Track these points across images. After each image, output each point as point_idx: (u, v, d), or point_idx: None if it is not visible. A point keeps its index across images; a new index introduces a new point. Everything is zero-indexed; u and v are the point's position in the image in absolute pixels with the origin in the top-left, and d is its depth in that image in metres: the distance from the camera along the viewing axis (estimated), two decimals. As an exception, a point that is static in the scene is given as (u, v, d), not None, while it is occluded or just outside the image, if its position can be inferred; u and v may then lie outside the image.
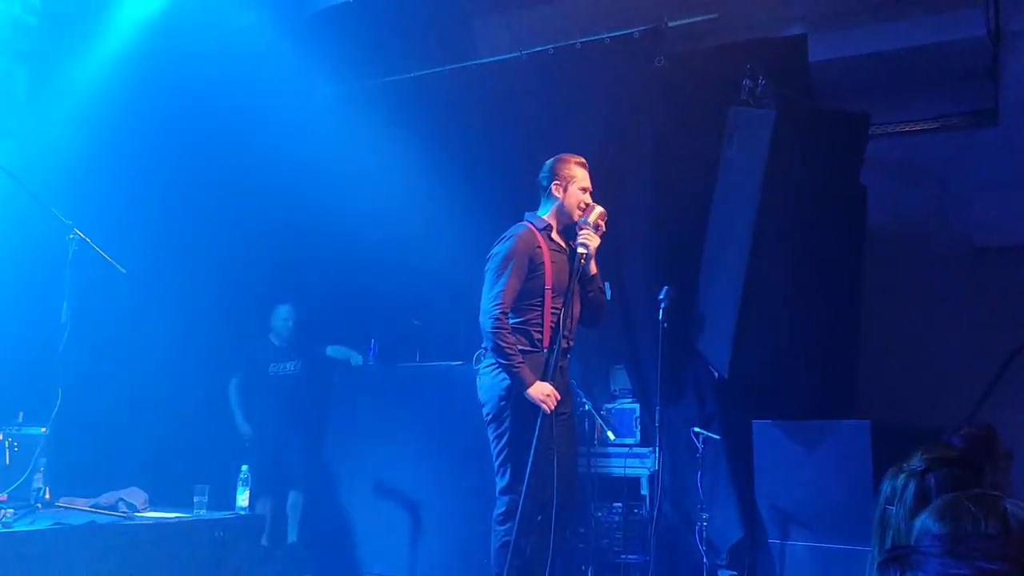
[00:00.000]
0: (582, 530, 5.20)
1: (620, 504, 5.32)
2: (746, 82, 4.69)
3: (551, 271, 4.06)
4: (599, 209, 4.08)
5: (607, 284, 4.46)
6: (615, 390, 5.66)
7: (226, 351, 6.34)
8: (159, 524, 4.24)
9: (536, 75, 5.74)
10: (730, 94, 4.84)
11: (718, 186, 5.01)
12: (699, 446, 4.79)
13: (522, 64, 5.79)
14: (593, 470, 5.31)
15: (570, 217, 4.14)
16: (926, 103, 5.92)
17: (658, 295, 4.70)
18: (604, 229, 4.08)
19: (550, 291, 4.05)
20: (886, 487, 2.07)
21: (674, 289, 4.69)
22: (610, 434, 5.32)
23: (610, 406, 5.54)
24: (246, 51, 5.81)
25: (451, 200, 5.71)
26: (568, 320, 4.03)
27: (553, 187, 4.16)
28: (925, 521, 1.76)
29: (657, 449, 4.94)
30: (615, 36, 5.49)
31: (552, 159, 4.22)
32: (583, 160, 4.19)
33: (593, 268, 4.14)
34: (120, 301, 5.26)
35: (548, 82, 5.70)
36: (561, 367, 4.03)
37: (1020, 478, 3.67)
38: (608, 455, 5.40)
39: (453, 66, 5.99)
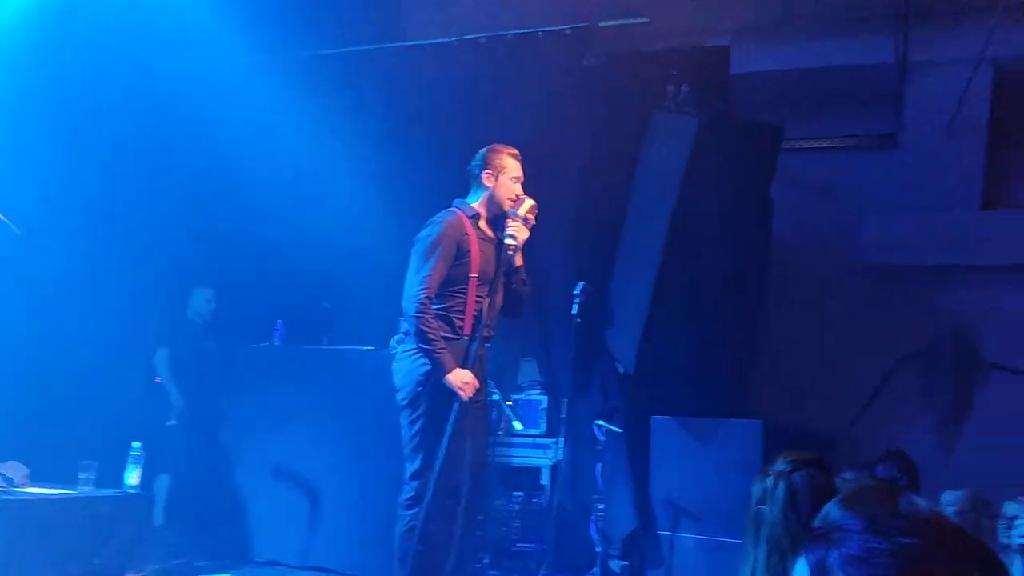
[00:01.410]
0: (481, 518, 5.25)
1: (521, 493, 5.40)
2: (671, 88, 4.82)
3: (478, 259, 4.07)
4: (530, 202, 4.11)
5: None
6: (523, 382, 5.73)
7: (129, 324, 6.07)
8: (40, 500, 4.06)
9: (467, 63, 5.73)
10: (655, 98, 4.96)
11: (637, 187, 5.13)
12: (600, 438, 4.90)
13: (454, 50, 5.77)
14: (497, 459, 5.35)
15: (500, 207, 4.15)
16: (833, 122, 6.21)
17: (574, 290, 4.78)
18: (534, 222, 4.11)
19: (475, 279, 4.05)
20: (757, 489, 2.24)
21: (590, 285, 4.78)
22: (517, 424, 5.38)
23: (518, 397, 5.60)
24: (168, 12, 5.56)
25: (374, 181, 5.64)
26: (491, 310, 4.05)
27: (484, 176, 4.15)
28: (831, 510, 1.90)
29: (562, 440, 5.03)
30: (547, 31, 5.54)
31: (485, 148, 4.21)
32: (516, 152, 4.20)
33: (519, 260, 4.18)
34: (7, 270, 4.97)
35: (479, 71, 5.71)
36: (481, 356, 4.05)
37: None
38: (512, 445, 5.47)
39: (385, 45, 5.90)
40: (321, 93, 5.92)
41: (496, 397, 5.31)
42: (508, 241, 4.04)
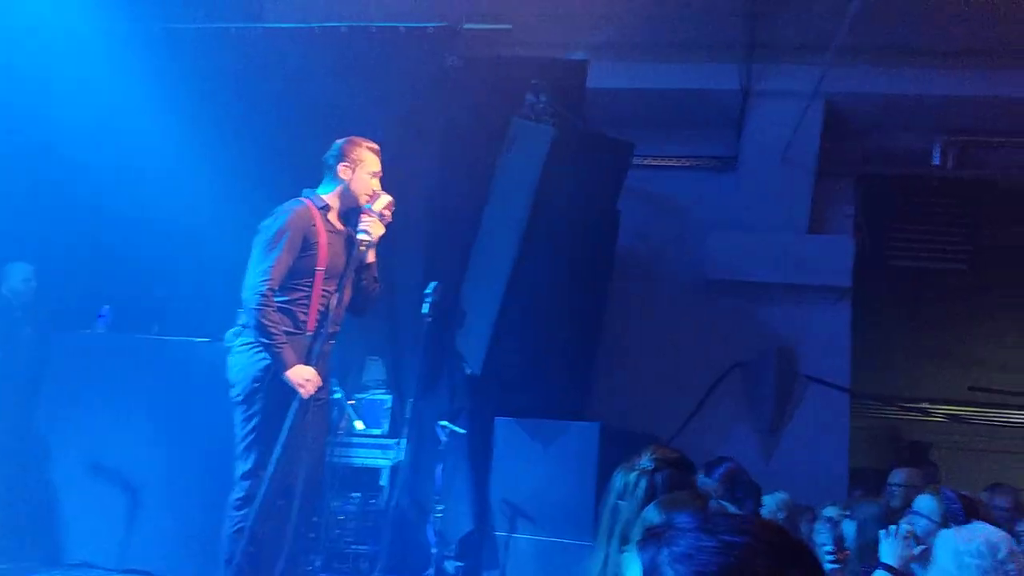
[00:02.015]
0: (315, 519, 5.11)
1: (358, 494, 5.29)
2: (529, 96, 4.88)
3: (326, 252, 3.94)
4: (388, 198, 4.03)
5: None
6: (368, 380, 5.62)
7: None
8: None
9: (327, 51, 5.56)
10: (514, 104, 5.00)
11: (492, 190, 5.16)
12: (443, 439, 4.89)
13: (314, 37, 5.59)
14: (334, 459, 5.22)
15: (356, 202, 4.03)
16: (681, 142, 6.52)
17: (425, 289, 4.74)
18: (390, 219, 4.03)
19: (322, 273, 3.93)
20: (618, 482, 2.26)
21: (442, 285, 4.75)
22: (358, 424, 5.27)
23: (361, 396, 5.49)
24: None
25: (221, 163, 5.36)
26: (338, 306, 3.94)
27: (340, 168, 4.03)
28: (650, 514, 1.97)
29: (404, 441, 4.97)
30: (410, 27, 5.48)
31: (344, 140, 4.09)
32: (376, 146, 4.10)
33: (371, 256, 4.08)
34: None
35: (339, 61, 5.55)
36: (324, 353, 3.93)
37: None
38: (352, 445, 5.36)
39: (240, 25, 5.64)
40: (169, 68, 5.58)
41: (338, 396, 5.19)
42: (362, 237, 3.94)
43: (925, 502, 3.07)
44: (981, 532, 2.71)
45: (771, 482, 5.12)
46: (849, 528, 3.89)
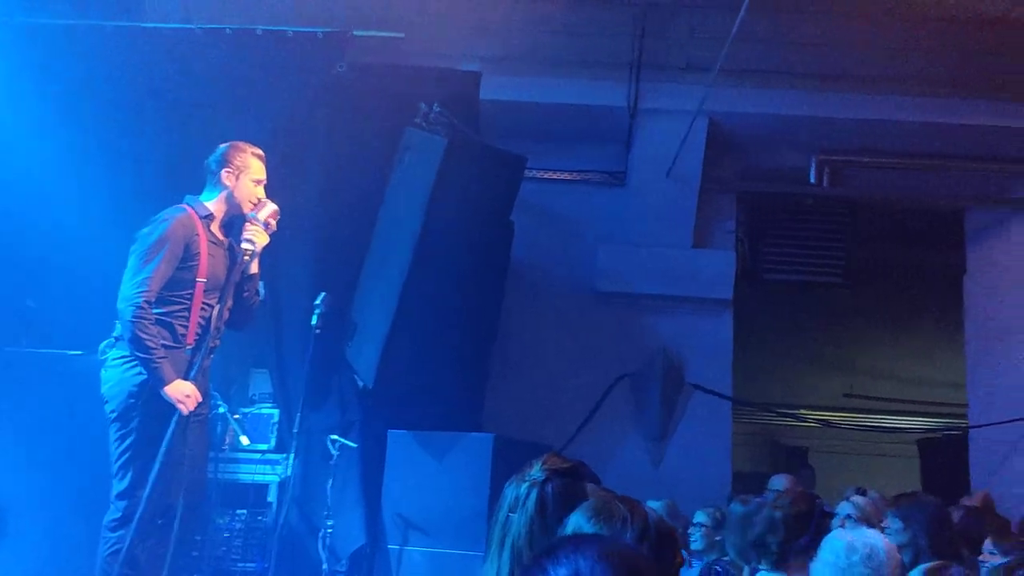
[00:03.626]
0: (199, 538, 4.94)
1: (244, 511, 5.16)
2: (423, 106, 4.86)
3: (207, 263, 3.82)
4: (272, 206, 3.93)
5: (262, 283, 4.31)
6: (254, 394, 5.48)
7: None
8: None
9: (210, 54, 5.38)
10: (406, 114, 4.98)
11: (384, 201, 5.12)
12: (334, 453, 4.81)
13: (196, 39, 5.40)
14: (219, 476, 5.07)
15: (239, 209, 3.92)
16: (571, 157, 6.63)
17: (314, 300, 4.65)
18: (275, 228, 3.94)
19: (203, 284, 3.80)
20: (509, 495, 2.23)
21: (331, 296, 4.67)
22: (243, 439, 5.12)
23: (247, 410, 5.35)
24: None
25: (98, 167, 5.11)
26: (218, 318, 3.82)
27: (224, 175, 3.91)
28: (579, 520, 1.97)
29: (292, 455, 4.86)
30: (299, 32, 5.38)
31: (226, 145, 3.98)
32: (261, 152, 4.00)
33: (254, 267, 3.97)
34: None
35: (223, 64, 5.38)
36: (204, 367, 3.80)
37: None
38: (238, 461, 5.22)
39: (116, 23, 5.39)
40: (44, 66, 5.29)
41: (222, 410, 5.03)
42: (245, 246, 3.83)
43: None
44: (868, 539, 2.85)
45: (659, 488, 5.27)
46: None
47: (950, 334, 7.93)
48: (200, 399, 3.73)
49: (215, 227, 3.95)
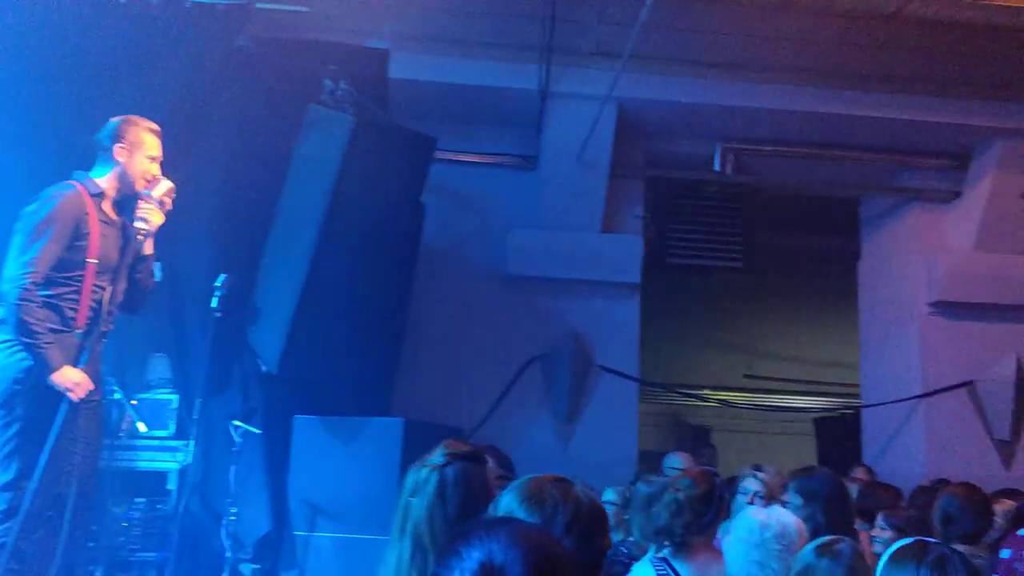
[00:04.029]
0: (94, 528, 4.77)
1: (143, 500, 5.02)
2: (328, 82, 4.76)
3: (98, 243, 3.64)
4: (168, 184, 3.77)
5: (159, 265, 4.15)
6: (152, 379, 5.30)
7: None
8: None
9: (100, 23, 5.11)
10: (311, 90, 4.87)
11: (288, 180, 5.00)
12: (237, 440, 4.72)
13: (84, 6, 5.13)
14: (115, 464, 4.90)
15: (132, 187, 3.75)
16: (483, 139, 6.61)
17: (215, 282, 4.51)
18: (170, 207, 3.78)
19: (94, 265, 3.63)
20: (410, 480, 2.26)
21: (232, 277, 4.54)
22: (141, 426, 4.96)
23: (144, 396, 5.18)
24: None
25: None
26: (111, 301, 3.65)
27: (116, 150, 3.73)
28: (510, 504, 1.98)
29: (193, 442, 4.73)
30: (198, 3, 5.17)
31: (119, 119, 3.79)
32: (156, 127, 3.83)
33: (149, 247, 3.81)
34: None
35: (114, 34, 5.12)
36: (96, 352, 3.64)
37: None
38: (135, 448, 5.07)
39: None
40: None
41: (118, 396, 4.86)
42: (139, 225, 3.67)
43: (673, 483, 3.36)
44: (780, 517, 2.95)
45: (568, 467, 5.33)
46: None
47: (845, 318, 8.29)
48: (91, 386, 3.57)
49: (107, 205, 3.77)
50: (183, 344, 5.13)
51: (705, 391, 9.94)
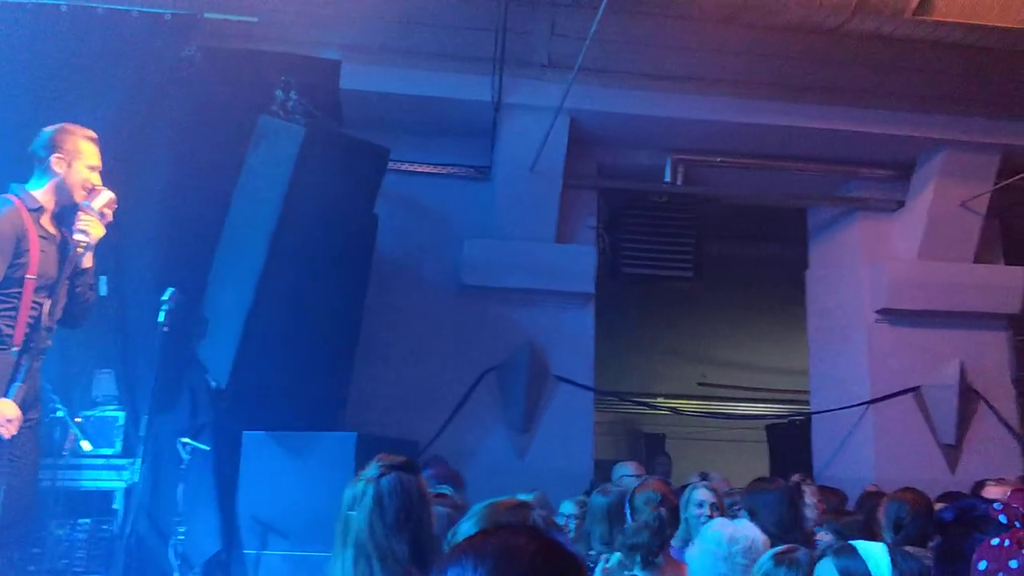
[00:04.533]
0: (36, 550, 4.62)
1: (88, 520, 4.87)
2: (279, 93, 4.71)
3: (37, 260, 3.52)
4: (109, 195, 3.65)
5: (104, 279, 4.04)
6: (97, 396, 5.16)
7: None
8: None
9: (41, 32, 4.98)
10: (261, 100, 4.80)
11: (237, 191, 4.91)
12: (185, 457, 4.62)
13: (25, 13, 4.99)
14: (59, 483, 4.75)
15: (71, 198, 3.62)
16: (436, 150, 6.60)
17: (162, 296, 4.41)
18: (111, 218, 3.67)
19: (33, 282, 3.50)
20: (348, 495, 2.34)
21: (180, 291, 4.44)
22: (85, 444, 4.81)
23: (89, 413, 5.03)
24: None
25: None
26: (50, 317, 3.54)
27: (53, 160, 3.60)
28: (469, 531, 2.00)
29: (140, 460, 4.61)
30: (144, 12, 5.07)
31: (54, 128, 3.66)
32: (94, 135, 3.71)
33: (88, 260, 3.69)
34: None
35: (56, 44, 4.99)
36: (33, 369, 3.52)
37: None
38: (80, 467, 4.92)
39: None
40: None
41: (61, 414, 4.71)
42: (79, 238, 3.55)
43: (638, 496, 3.36)
44: (747, 531, 2.97)
45: (525, 479, 5.33)
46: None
47: (794, 325, 8.43)
48: (22, 421, 3.44)
49: (45, 219, 3.64)
50: (129, 360, 5.00)
51: (659, 399, 10.02)
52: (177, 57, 5.07)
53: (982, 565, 2.33)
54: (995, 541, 2.31)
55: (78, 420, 4.91)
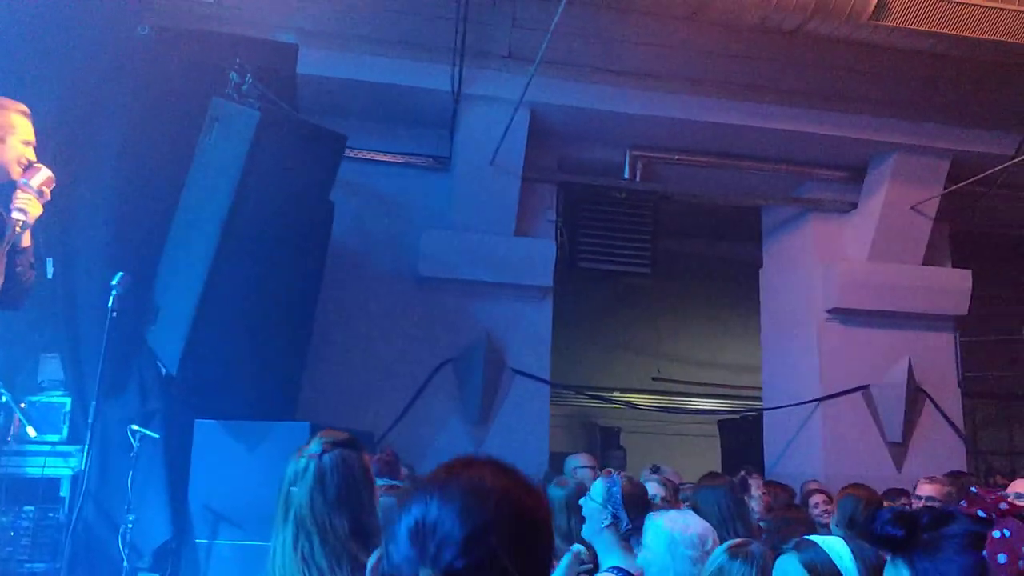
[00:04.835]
0: (-22, 539, 4.54)
1: (32, 508, 4.79)
2: (234, 75, 4.63)
3: None
4: (47, 172, 3.54)
5: (50, 260, 3.95)
6: (43, 381, 5.07)
7: None
8: None
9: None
10: (215, 83, 4.73)
11: (190, 175, 4.84)
12: (135, 444, 4.56)
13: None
14: (2, 470, 4.68)
15: (7, 175, 3.50)
16: (395, 138, 6.56)
17: (111, 280, 4.33)
18: (48, 197, 3.57)
19: None
20: (290, 471, 2.33)
21: (130, 275, 4.37)
22: (30, 430, 4.73)
23: (35, 398, 4.95)
24: None
25: None
26: None
27: None
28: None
29: (87, 447, 4.54)
30: (97, -10, 4.97)
31: None
32: (26, 109, 3.57)
33: (27, 240, 3.59)
34: None
35: (6, 18, 4.87)
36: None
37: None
38: (24, 453, 4.86)
39: None
40: None
41: (5, 399, 4.63)
42: (16, 216, 3.44)
43: (596, 488, 3.36)
44: (693, 523, 3.00)
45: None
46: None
47: (748, 323, 8.55)
48: None
49: (-20, 197, 3.54)
50: (77, 344, 4.91)
51: (615, 393, 10.10)
52: (130, 37, 4.98)
53: (1001, 558, 2.38)
54: (996, 533, 2.36)
55: (23, 405, 4.83)
